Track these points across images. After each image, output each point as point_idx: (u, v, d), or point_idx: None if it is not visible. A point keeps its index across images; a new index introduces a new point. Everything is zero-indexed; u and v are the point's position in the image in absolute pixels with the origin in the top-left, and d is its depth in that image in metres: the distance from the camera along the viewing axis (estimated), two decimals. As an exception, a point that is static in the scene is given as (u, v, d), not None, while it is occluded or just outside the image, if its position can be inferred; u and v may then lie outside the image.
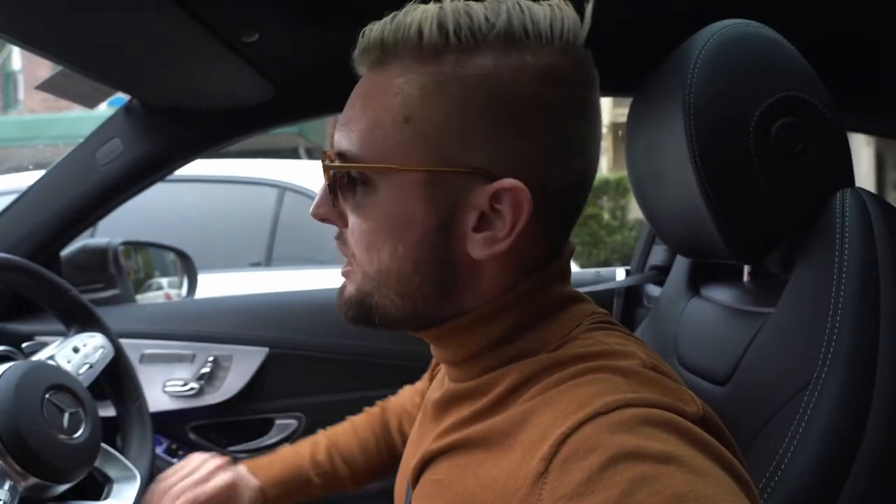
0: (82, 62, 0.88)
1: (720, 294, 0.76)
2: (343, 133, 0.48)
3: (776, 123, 0.58)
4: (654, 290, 1.29)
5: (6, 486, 0.66)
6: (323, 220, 0.51)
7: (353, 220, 0.49)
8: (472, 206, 0.46)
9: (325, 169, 0.49)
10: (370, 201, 0.47)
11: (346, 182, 0.48)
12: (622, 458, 0.36)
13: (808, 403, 0.51)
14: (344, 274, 0.52)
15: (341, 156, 0.48)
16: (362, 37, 0.47)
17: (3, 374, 0.72)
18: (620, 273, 1.42)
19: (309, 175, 2.65)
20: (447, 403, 0.52)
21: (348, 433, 0.84)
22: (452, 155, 0.45)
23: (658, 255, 1.32)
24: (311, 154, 8.14)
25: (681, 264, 0.89)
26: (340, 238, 0.51)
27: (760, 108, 0.58)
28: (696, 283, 0.84)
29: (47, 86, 0.94)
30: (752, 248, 0.62)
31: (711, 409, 0.43)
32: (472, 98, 0.44)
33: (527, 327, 0.49)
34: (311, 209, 0.51)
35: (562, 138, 0.46)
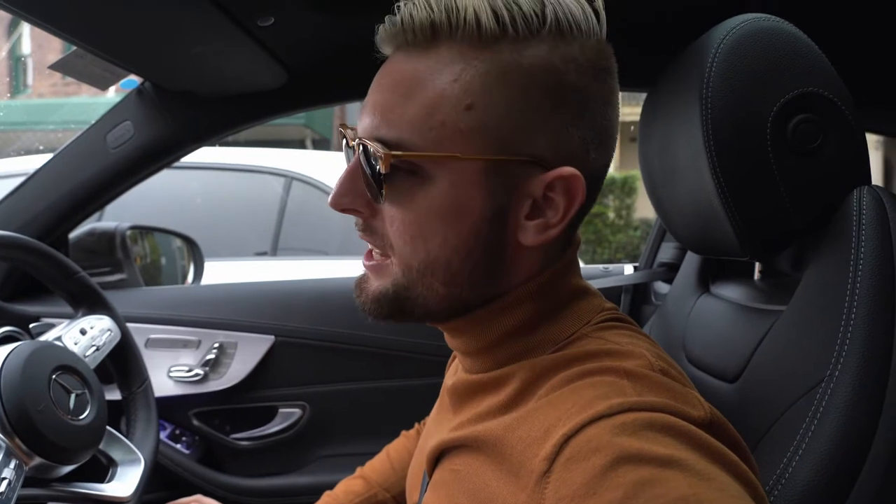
0: (96, 43, 0.88)
1: (730, 292, 0.76)
2: (382, 119, 0.46)
3: (794, 119, 0.57)
4: (662, 287, 1.29)
5: (12, 465, 0.66)
6: (345, 210, 0.49)
7: (393, 210, 0.47)
8: (527, 194, 0.46)
9: (371, 157, 0.46)
10: (420, 190, 0.45)
11: (389, 170, 0.45)
12: (625, 461, 0.36)
13: (821, 401, 0.50)
14: (372, 268, 0.50)
15: (384, 143, 0.45)
16: (397, 13, 0.46)
17: (10, 353, 0.72)
18: (628, 269, 1.42)
19: (316, 165, 2.65)
20: (462, 394, 0.53)
21: (382, 460, 0.83)
22: (513, 143, 0.45)
23: (667, 252, 1.31)
24: (318, 145, 8.14)
25: (691, 261, 0.88)
26: (367, 229, 0.49)
27: (778, 103, 0.57)
28: (706, 280, 0.84)
29: (60, 66, 0.94)
30: (765, 245, 0.61)
31: (720, 406, 0.43)
32: (532, 86, 0.44)
33: (544, 318, 0.49)
34: (330, 199, 0.49)
35: (601, 128, 0.48)
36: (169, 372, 1.23)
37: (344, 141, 0.53)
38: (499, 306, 0.49)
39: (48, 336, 0.85)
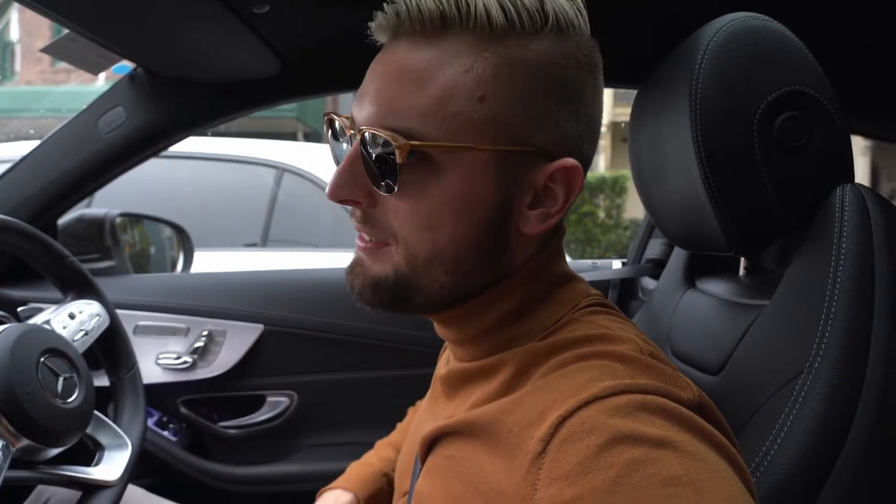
0: (89, 26, 0.87)
1: (716, 287, 0.77)
2: (390, 109, 0.45)
3: (780, 117, 0.58)
4: (649, 283, 1.30)
5: (-1, 446, 0.66)
6: (343, 202, 0.48)
7: (399, 201, 0.46)
8: (529, 184, 0.48)
9: (380, 147, 0.45)
10: (430, 181, 0.45)
11: (394, 161, 0.44)
12: (619, 442, 0.37)
13: (800, 392, 0.52)
14: (369, 251, 0.50)
15: (395, 132, 0.44)
16: (399, 1, 0.46)
17: (-2, 335, 0.72)
18: (617, 265, 1.43)
19: (308, 157, 2.65)
20: (455, 382, 0.53)
21: (402, 432, 0.83)
22: (521, 135, 0.46)
23: (655, 248, 1.33)
24: (309, 138, 8.10)
25: (678, 257, 0.90)
26: (367, 220, 0.49)
27: (765, 101, 0.58)
28: (692, 276, 0.85)
29: (53, 49, 0.93)
30: (750, 241, 0.62)
31: None
32: (537, 79, 0.46)
33: (534, 304, 0.50)
34: (329, 190, 0.48)
35: (593, 121, 0.50)
36: (157, 359, 1.23)
37: (331, 131, 0.52)
38: (492, 295, 0.50)
39: (36, 319, 0.84)
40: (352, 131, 0.48)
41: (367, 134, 0.46)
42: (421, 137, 0.44)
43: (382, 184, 0.46)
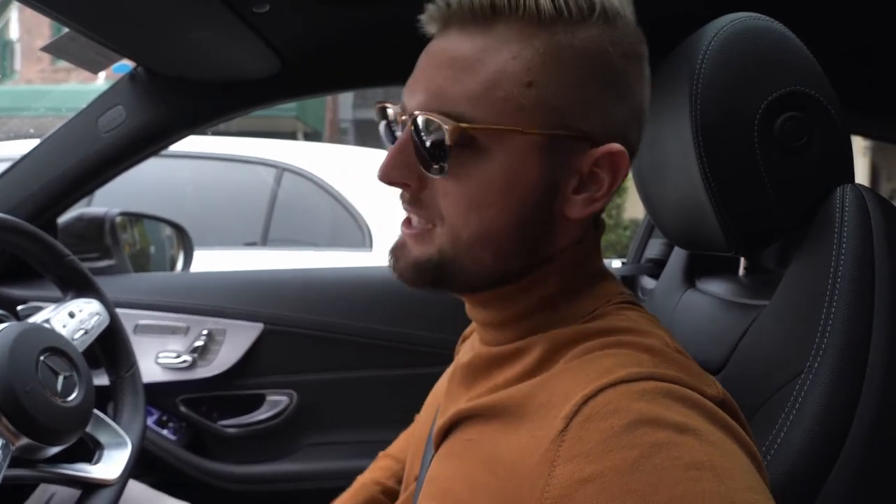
0: (90, 25, 0.87)
1: (715, 287, 0.77)
2: (440, 94, 0.47)
3: (781, 117, 0.58)
4: (649, 282, 1.30)
5: (-1, 444, 0.66)
6: (393, 183, 0.50)
7: (447, 183, 0.48)
8: (575, 169, 0.49)
9: (431, 131, 0.47)
10: (476, 163, 0.47)
11: (444, 143, 0.46)
12: (643, 423, 0.37)
13: (800, 392, 0.52)
14: (414, 236, 0.51)
15: (445, 116, 0.46)
16: None
17: (-2, 333, 0.71)
18: (616, 265, 1.44)
19: (309, 157, 2.65)
20: (480, 367, 0.53)
21: (403, 439, 0.81)
22: (568, 120, 0.47)
23: (654, 248, 1.33)
24: (309, 138, 8.11)
25: (677, 257, 0.90)
26: (416, 202, 0.50)
27: (766, 101, 0.58)
28: (691, 276, 0.85)
29: (53, 48, 0.93)
30: (750, 241, 0.62)
31: None
32: (584, 66, 0.47)
33: (568, 294, 0.51)
34: (380, 172, 0.49)
35: (639, 108, 0.51)
36: (157, 358, 1.23)
37: (384, 120, 0.53)
38: (534, 277, 0.51)
39: (36, 318, 0.84)
40: (404, 117, 0.49)
41: (418, 119, 0.47)
42: (471, 121, 0.46)
43: (433, 166, 0.47)
